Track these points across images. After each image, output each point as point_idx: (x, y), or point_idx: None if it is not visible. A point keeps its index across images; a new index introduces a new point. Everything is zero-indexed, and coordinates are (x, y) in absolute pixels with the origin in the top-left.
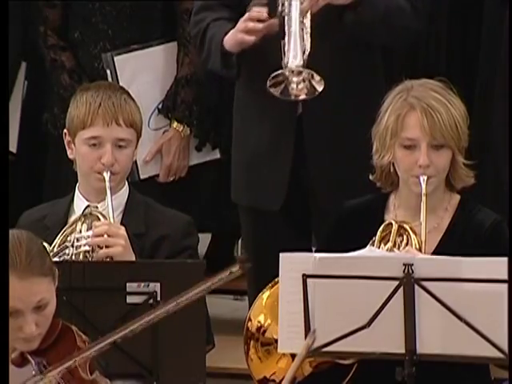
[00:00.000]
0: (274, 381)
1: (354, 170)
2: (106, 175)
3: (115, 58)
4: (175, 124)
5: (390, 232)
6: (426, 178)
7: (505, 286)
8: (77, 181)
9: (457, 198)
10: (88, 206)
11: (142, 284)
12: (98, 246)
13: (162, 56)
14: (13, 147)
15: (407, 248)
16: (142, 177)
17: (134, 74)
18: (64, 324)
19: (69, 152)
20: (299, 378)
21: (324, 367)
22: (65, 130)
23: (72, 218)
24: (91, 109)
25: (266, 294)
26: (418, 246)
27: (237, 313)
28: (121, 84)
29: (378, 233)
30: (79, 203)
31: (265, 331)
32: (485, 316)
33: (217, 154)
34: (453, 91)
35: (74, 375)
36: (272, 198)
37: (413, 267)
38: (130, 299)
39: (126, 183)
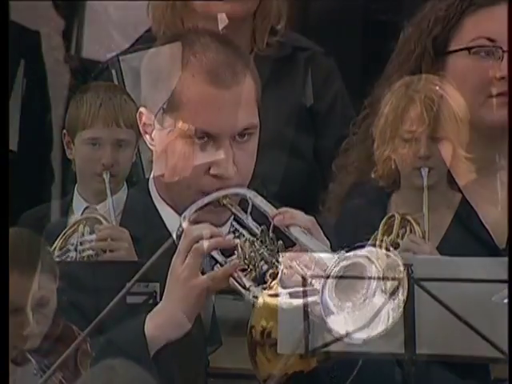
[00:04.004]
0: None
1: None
2: (106, 177)
3: (121, 58)
4: (180, 124)
5: (393, 224)
6: (427, 169)
7: (505, 286)
8: (77, 181)
9: (459, 195)
10: (87, 207)
11: (142, 284)
12: (102, 250)
13: None
14: (13, 146)
15: (411, 236)
16: (147, 176)
17: (139, 74)
18: (65, 323)
19: (68, 152)
20: (306, 370)
21: (329, 362)
22: (64, 130)
23: (71, 219)
24: (91, 110)
25: (262, 299)
26: (421, 236)
27: (237, 313)
28: (126, 84)
29: (381, 225)
30: (78, 204)
31: (269, 333)
32: (485, 316)
33: (221, 155)
34: (452, 85)
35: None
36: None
37: (412, 267)
38: (129, 299)
39: (125, 184)
